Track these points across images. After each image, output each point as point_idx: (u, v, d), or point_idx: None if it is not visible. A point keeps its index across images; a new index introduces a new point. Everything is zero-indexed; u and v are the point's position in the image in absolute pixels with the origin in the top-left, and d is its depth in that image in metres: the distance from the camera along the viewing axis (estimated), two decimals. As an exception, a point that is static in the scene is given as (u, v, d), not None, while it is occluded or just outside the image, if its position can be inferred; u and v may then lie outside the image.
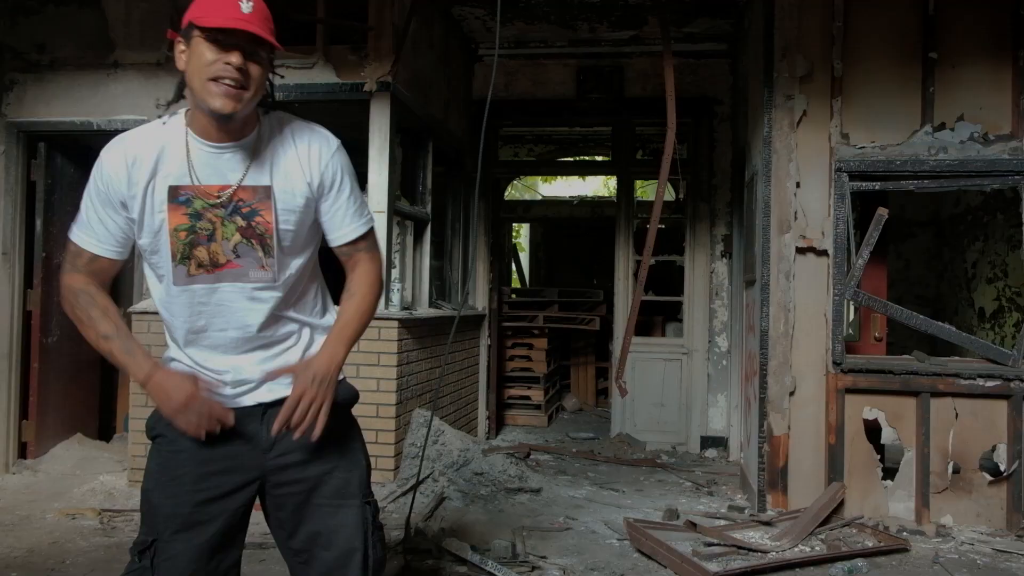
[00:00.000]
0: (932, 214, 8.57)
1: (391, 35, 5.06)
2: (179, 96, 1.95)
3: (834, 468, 4.67)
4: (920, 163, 4.63)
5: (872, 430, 4.75)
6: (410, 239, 5.73)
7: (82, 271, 1.92)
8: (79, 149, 5.84)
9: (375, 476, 4.83)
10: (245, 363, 1.96)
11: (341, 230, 2.02)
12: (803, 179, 4.78)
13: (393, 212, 5.18)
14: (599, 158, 10.23)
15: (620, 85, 7.15)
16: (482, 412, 7.22)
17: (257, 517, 2.03)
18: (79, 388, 6.00)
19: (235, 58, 1.78)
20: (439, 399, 5.82)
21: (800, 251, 4.78)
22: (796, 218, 4.77)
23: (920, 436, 4.60)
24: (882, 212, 4.68)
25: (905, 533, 4.42)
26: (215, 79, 1.77)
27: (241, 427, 1.93)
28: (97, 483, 5.13)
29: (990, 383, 4.54)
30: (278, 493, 1.97)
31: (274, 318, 1.96)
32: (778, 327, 4.77)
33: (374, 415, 4.91)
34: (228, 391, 1.95)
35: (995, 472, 4.57)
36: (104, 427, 6.35)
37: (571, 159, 10.26)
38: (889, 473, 4.70)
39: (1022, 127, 4.58)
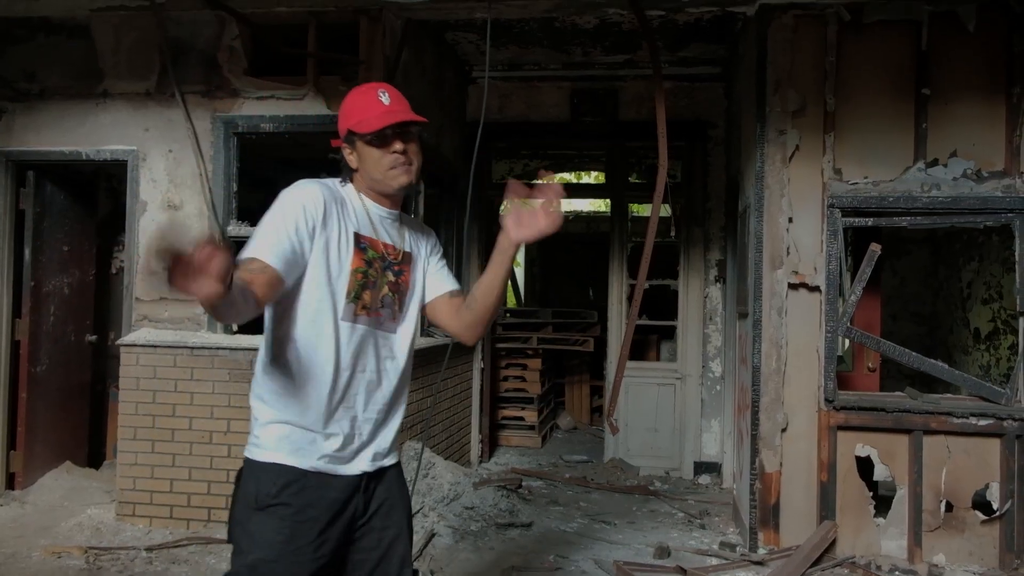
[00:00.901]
0: (928, 231, 8.53)
1: (382, 67, 5.03)
2: (347, 179, 2.21)
3: (826, 505, 4.65)
4: (913, 200, 4.60)
5: (864, 467, 4.72)
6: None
7: (252, 271, 1.89)
8: (69, 177, 5.81)
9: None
10: (371, 419, 2.17)
11: (446, 283, 2.34)
12: (796, 214, 4.75)
13: (384, 244, 5.14)
14: (593, 174, 10.21)
15: (614, 108, 7.12)
16: (475, 435, 7.18)
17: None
18: (68, 416, 5.96)
19: (398, 145, 2.11)
20: (431, 428, 5.79)
21: (792, 287, 4.76)
22: (788, 253, 4.75)
23: (913, 474, 4.58)
24: (875, 248, 4.66)
25: (898, 572, 4.41)
26: (393, 167, 2.12)
27: (346, 495, 2.10)
28: (84, 516, 5.09)
29: (983, 422, 4.51)
30: (357, 558, 2.17)
31: (402, 380, 2.24)
32: (770, 363, 4.74)
33: (364, 450, 4.87)
34: (342, 451, 2.10)
35: (988, 511, 4.54)
36: (93, 454, 6.32)
37: (566, 181, 10.22)
38: (881, 510, 4.68)
39: (1015, 164, 4.56)
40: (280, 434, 2.06)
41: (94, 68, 5.33)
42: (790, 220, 4.75)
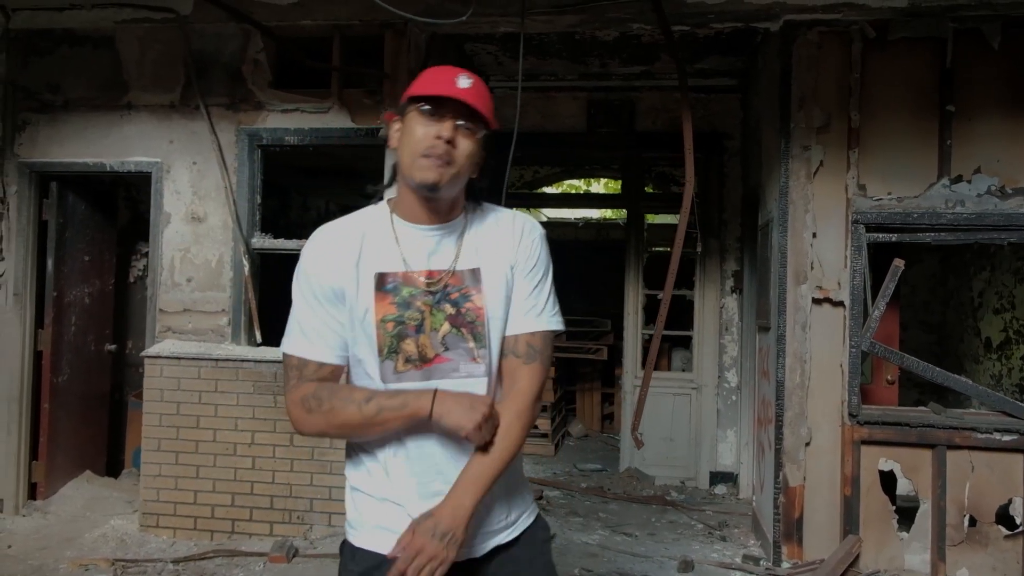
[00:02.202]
0: (939, 242, 8.56)
1: (407, 81, 5.04)
2: (392, 180, 1.87)
3: (850, 520, 4.67)
4: (937, 216, 4.63)
5: (887, 481, 4.74)
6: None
7: (311, 380, 1.77)
8: (90, 187, 5.82)
9: (389, 525, 4.83)
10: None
11: (514, 318, 1.81)
12: (819, 229, 4.77)
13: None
14: (603, 180, 10.24)
15: (630, 119, 7.14)
16: (490, 445, 7.19)
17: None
18: (88, 426, 5.97)
19: (446, 129, 1.71)
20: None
21: (816, 302, 4.78)
22: (812, 268, 4.77)
23: (936, 489, 4.60)
24: (898, 263, 4.68)
25: (921, 587, 4.43)
26: (426, 155, 1.71)
27: None
28: (108, 527, 5.11)
29: (1007, 437, 4.54)
30: None
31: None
32: (794, 378, 4.76)
33: (388, 463, 4.89)
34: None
35: (1011, 525, 4.57)
36: (112, 463, 6.33)
37: (581, 192, 10.27)
38: (904, 524, 4.70)
39: (1039, 181, 4.59)
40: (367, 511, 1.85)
41: (119, 80, 5.34)
42: (814, 235, 4.77)
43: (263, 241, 5.21)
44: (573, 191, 12.47)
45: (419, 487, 1.76)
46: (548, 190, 11.25)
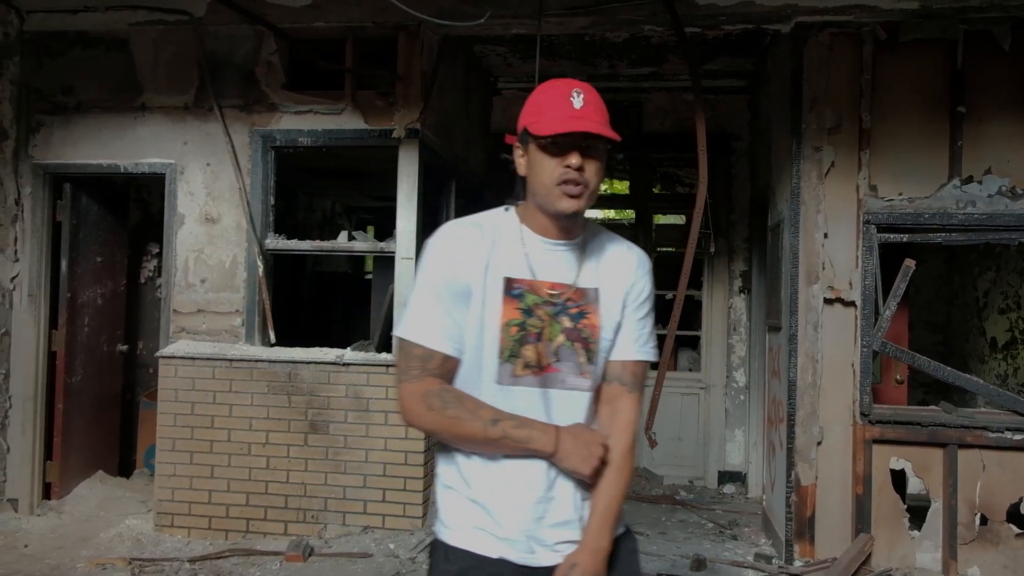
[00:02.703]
0: (944, 241, 8.58)
1: (419, 82, 5.08)
2: (511, 205, 1.88)
3: (861, 518, 4.70)
4: (948, 216, 4.66)
5: (898, 479, 4.78)
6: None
7: (434, 375, 1.76)
8: (102, 188, 5.85)
9: (404, 524, 4.88)
10: (560, 500, 1.78)
11: (620, 346, 1.84)
12: (831, 230, 4.80)
13: (421, 258, 5.20)
14: (609, 181, 10.24)
15: (639, 120, 7.17)
16: (499, 444, 7.22)
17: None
18: (100, 426, 6.00)
19: (574, 159, 1.71)
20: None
21: (828, 302, 4.81)
22: (824, 268, 4.80)
23: (947, 487, 4.63)
24: (909, 263, 4.71)
25: (933, 585, 4.46)
26: (559, 185, 1.72)
27: None
28: (123, 527, 5.14)
29: (1018, 436, 4.57)
30: None
31: None
32: (806, 377, 4.79)
33: (402, 462, 4.93)
34: (536, 544, 1.76)
35: (1022, 524, 4.60)
36: (123, 463, 6.36)
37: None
38: (915, 523, 4.73)
39: (1050, 182, 4.62)
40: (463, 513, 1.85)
41: (132, 82, 5.37)
42: (825, 236, 4.80)
43: (277, 242, 5.24)
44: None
45: (513, 496, 1.77)
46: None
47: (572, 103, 1.74)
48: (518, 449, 1.73)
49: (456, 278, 1.76)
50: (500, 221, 1.84)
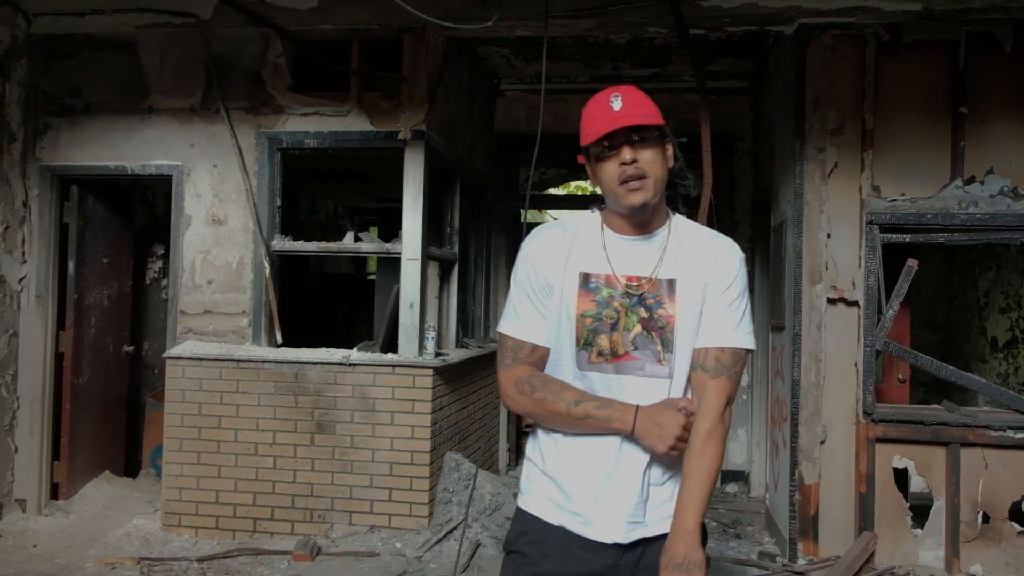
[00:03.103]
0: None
1: (425, 84, 5.12)
2: (596, 208, 2.04)
3: (864, 516, 4.74)
4: (951, 216, 4.69)
5: (901, 478, 4.81)
6: (438, 280, 5.78)
7: (525, 362, 1.97)
8: (108, 190, 5.88)
9: (410, 523, 4.92)
10: (624, 480, 1.89)
11: (705, 332, 1.91)
12: (834, 230, 4.84)
13: (427, 258, 5.23)
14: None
15: (642, 121, 7.18)
16: (503, 443, 7.27)
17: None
18: (107, 426, 6.03)
19: (626, 155, 1.84)
20: (466, 438, 5.87)
21: (831, 302, 4.84)
22: (827, 268, 4.83)
23: (950, 486, 4.66)
24: (912, 263, 4.75)
25: (936, 583, 4.49)
26: (622, 184, 1.85)
27: (598, 562, 1.89)
28: (131, 527, 5.16)
29: (1020, 435, 4.61)
30: None
31: None
32: (809, 377, 4.83)
33: (408, 462, 4.96)
34: (594, 517, 1.89)
35: (1024, 522, 4.64)
36: (129, 463, 6.39)
37: (588, 193, 10.31)
38: (918, 521, 4.76)
39: (1052, 182, 4.65)
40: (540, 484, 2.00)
41: (139, 84, 5.40)
42: (828, 236, 4.83)
43: (283, 243, 5.28)
44: (580, 192, 12.53)
45: (579, 471, 1.92)
46: (555, 191, 11.30)
47: (611, 107, 1.87)
48: (600, 427, 1.87)
49: (540, 275, 1.94)
50: (583, 222, 2.01)
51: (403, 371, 4.97)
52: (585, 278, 1.93)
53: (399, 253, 5.13)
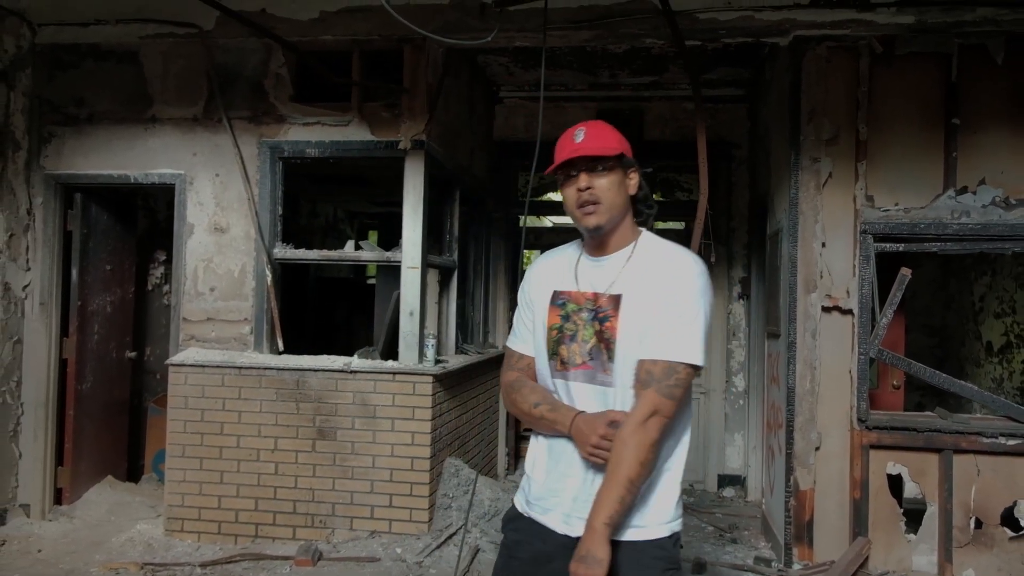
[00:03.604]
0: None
1: (425, 94, 5.18)
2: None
3: (859, 522, 4.80)
4: (943, 226, 4.76)
5: (895, 484, 4.87)
6: (438, 287, 5.84)
7: (515, 369, 2.27)
8: (111, 197, 5.94)
9: (410, 528, 4.97)
10: (586, 480, 2.09)
11: (644, 344, 2.03)
12: (828, 239, 4.90)
13: (427, 266, 5.30)
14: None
15: (639, 128, 7.27)
16: (502, 448, 7.33)
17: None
18: (109, 431, 6.09)
19: (582, 182, 2.07)
20: (466, 443, 5.93)
21: (826, 310, 4.90)
22: (822, 277, 4.90)
23: (943, 492, 4.73)
24: (905, 272, 4.82)
25: (929, 588, 4.55)
26: (578, 208, 2.09)
27: (553, 551, 2.10)
28: (135, 532, 5.22)
29: (1012, 441, 4.67)
30: None
31: None
32: (804, 384, 4.89)
33: (409, 468, 5.02)
34: (547, 501, 2.15)
35: (1016, 527, 4.70)
36: (131, 468, 6.45)
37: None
38: (911, 526, 4.83)
39: (1043, 192, 4.72)
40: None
41: (143, 93, 5.46)
42: (823, 245, 4.90)
43: (285, 251, 5.34)
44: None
45: (550, 471, 2.17)
46: (553, 196, 11.36)
47: (575, 139, 2.11)
48: (551, 429, 2.14)
49: (528, 295, 2.28)
50: (569, 248, 2.29)
51: (403, 378, 5.04)
52: (556, 295, 2.19)
53: (399, 261, 5.20)
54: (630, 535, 2.05)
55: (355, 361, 5.14)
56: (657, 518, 2.07)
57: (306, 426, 5.09)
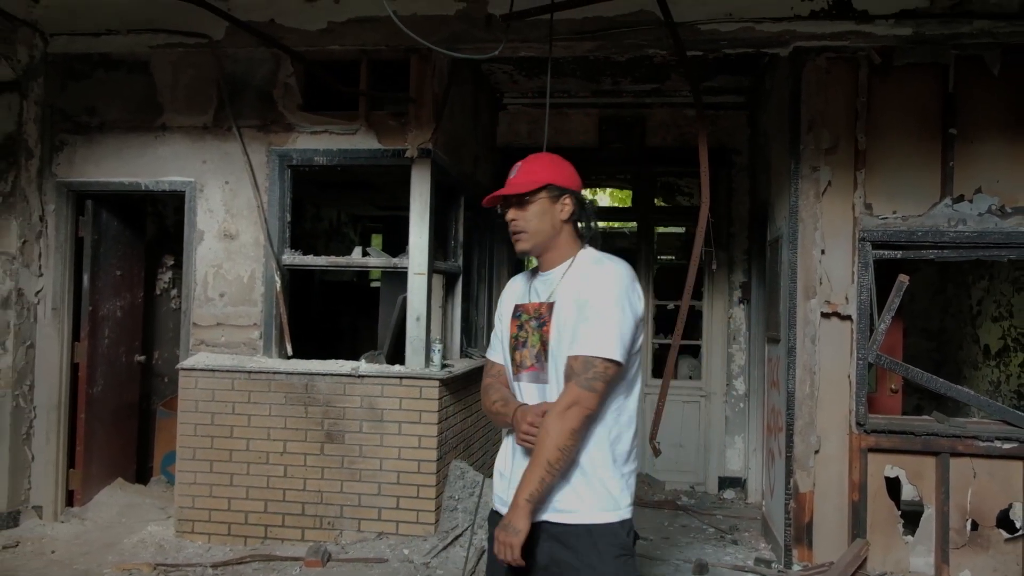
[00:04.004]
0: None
1: (431, 103, 5.27)
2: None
3: (857, 524, 4.89)
4: (940, 234, 4.85)
5: (892, 486, 4.96)
6: (442, 292, 5.93)
7: (490, 375, 2.56)
8: (120, 203, 6.03)
9: (417, 530, 5.06)
10: (518, 466, 2.36)
11: (569, 342, 2.29)
12: (828, 247, 4.99)
13: (432, 272, 5.39)
14: (608, 190, 10.44)
15: (641, 135, 7.37)
16: (505, 451, 7.40)
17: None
18: (119, 434, 6.18)
19: (509, 215, 2.40)
20: (471, 446, 6.02)
21: (825, 316, 5.00)
22: (821, 284, 4.99)
23: (940, 494, 4.82)
24: (903, 279, 4.91)
25: (926, 589, 4.65)
26: (512, 235, 2.42)
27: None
28: (146, 533, 5.31)
29: (1007, 445, 4.76)
30: None
31: None
32: (804, 389, 4.98)
33: (415, 470, 5.11)
34: (500, 493, 2.44)
35: (1011, 529, 4.79)
36: (140, 470, 6.54)
37: (594, 207, 10.42)
38: (909, 528, 4.92)
39: (1037, 200, 4.81)
40: None
41: (153, 102, 5.55)
42: (822, 252, 4.99)
43: (293, 257, 5.43)
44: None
45: (499, 460, 2.49)
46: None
47: (511, 176, 2.43)
48: (504, 422, 2.42)
49: (499, 311, 2.57)
50: (533, 269, 2.55)
51: (410, 383, 5.13)
52: (516, 308, 2.48)
53: (406, 268, 5.29)
54: (576, 518, 2.27)
55: (363, 366, 5.23)
56: (605, 504, 2.27)
57: (315, 429, 5.18)
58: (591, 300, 2.27)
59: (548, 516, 2.28)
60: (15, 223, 5.41)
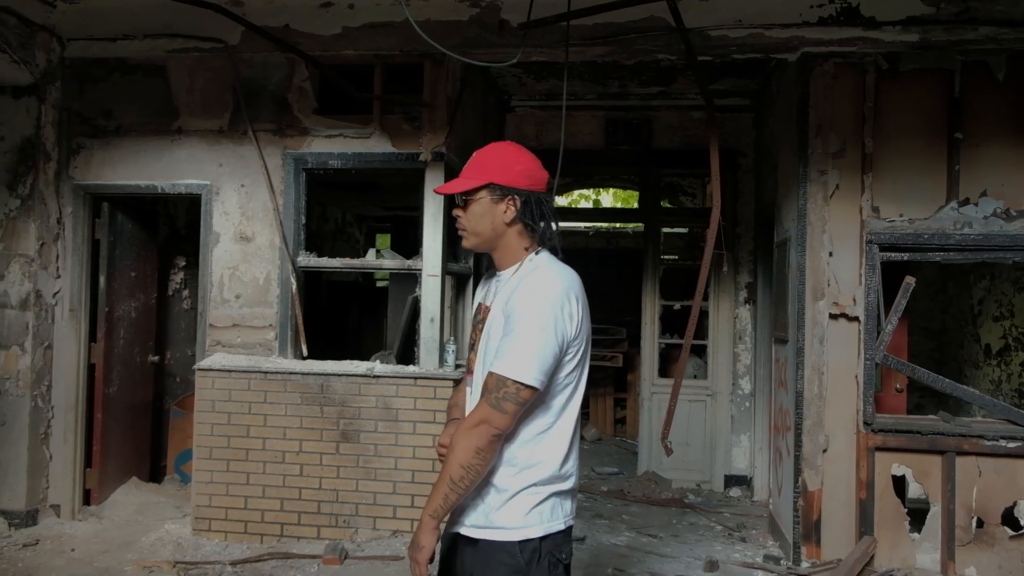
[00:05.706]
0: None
1: (444, 108, 5.35)
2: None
3: (865, 521, 4.98)
4: (946, 237, 4.94)
5: (899, 484, 5.05)
6: (453, 292, 6.02)
7: (460, 378, 2.54)
8: (135, 206, 6.10)
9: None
10: None
11: (493, 353, 2.17)
12: (835, 249, 5.08)
13: (446, 274, 5.46)
14: (612, 191, 10.51)
15: (648, 137, 7.45)
16: (513, 449, 7.48)
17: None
18: (134, 433, 6.25)
19: (454, 211, 2.31)
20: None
21: (833, 317, 5.08)
22: (829, 285, 5.07)
23: (946, 492, 4.91)
24: (910, 280, 5.00)
25: (933, 585, 4.74)
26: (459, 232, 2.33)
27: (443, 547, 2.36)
28: (163, 531, 5.39)
29: (1012, 444, 4.85)
30: None
31: None
32: (812, 388, 5.07)
33: (430, 470, 5.19)
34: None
35: (1016, 527, 4.88)
36: (154, 469, 6.61)
37: (591, 199, 10.54)
38: (915, 525, 5.01)
39: (1042, 204, 4.90)
40: None
41: (169, 106, 5.62)
42: (830, 254, 5.07)
43: (308, 259, 5.50)
44: (584, 200, 12.78)
45: None
46: (560, 200, 11.55)
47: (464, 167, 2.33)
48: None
49: (473, 313, 2.46)
50: None
51: (425, 383, 5.21)
52: (476, 309, 2.39)
53: (420, 270, 5.36)
54: (482, 534, 2.20)
55: (378, 366, 5.31)
56: (507, 521, 2.17)
57: (330, 429, 5.25)
58: (515, 313, 2.13)
59: (460, 529, 2.24)
60: (33, 226, 5.48)
